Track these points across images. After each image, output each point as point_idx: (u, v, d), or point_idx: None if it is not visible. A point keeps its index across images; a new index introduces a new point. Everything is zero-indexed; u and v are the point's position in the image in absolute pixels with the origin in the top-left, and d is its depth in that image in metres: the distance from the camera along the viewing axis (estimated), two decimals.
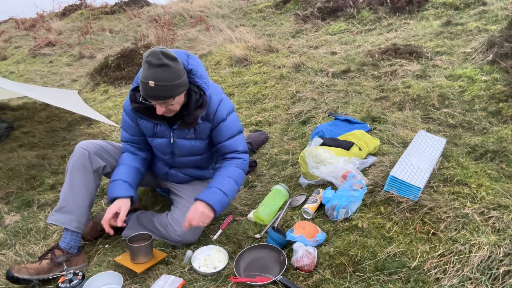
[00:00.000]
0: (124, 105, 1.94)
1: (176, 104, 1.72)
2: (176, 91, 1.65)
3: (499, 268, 1.37)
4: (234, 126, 1.92)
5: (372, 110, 2.81)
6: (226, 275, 1.66)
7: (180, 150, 1.94)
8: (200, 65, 1.81)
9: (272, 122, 3.13)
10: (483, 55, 3.18)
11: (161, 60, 1.57)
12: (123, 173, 1.89)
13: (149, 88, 1.60)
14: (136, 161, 1.96)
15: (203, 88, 1.76)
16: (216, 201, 1.79)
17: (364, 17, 5.02)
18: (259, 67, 4.17)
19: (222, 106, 1.87)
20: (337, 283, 1.49)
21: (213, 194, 1.80)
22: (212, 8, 7.20)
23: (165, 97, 1.64)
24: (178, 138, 1.90)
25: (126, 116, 1.94)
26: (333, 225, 1.81)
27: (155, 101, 1.67)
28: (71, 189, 1.84)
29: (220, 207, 1.80)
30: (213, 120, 1.87)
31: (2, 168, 3.06)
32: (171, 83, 1.61)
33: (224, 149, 1.93)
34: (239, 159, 1.92)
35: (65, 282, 1.61)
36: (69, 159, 1.89)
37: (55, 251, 1.80)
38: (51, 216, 1.83)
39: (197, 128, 1.87)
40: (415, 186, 1.78)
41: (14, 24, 10.26)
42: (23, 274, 1.68)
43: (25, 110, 4.52)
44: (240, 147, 1.94)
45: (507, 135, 2.20)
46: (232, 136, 1.92)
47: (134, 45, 6.00)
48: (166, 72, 1.59)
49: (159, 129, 1.88)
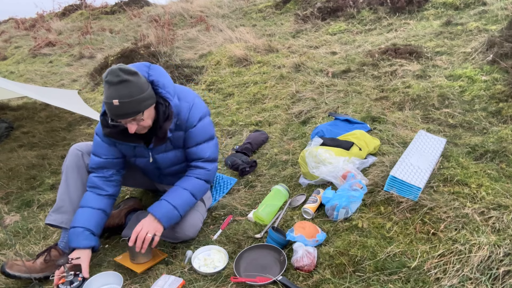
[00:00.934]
0: (96, 130, 1.87)
1: (147, 119, 1.66)
2: (142, 105, 1.60)
3: (499, 268, 1.37)
4: (203, 132, 1.84)
5: (372, 110, 2.81)
6: (226, 275, 1.66)
7: (163, 163, 1.92)
8: (163, 75, 1.74)
9: (272, 122, 3.13)
10: (483, 55, 3.18)
11: (120, 76, 1.52)
12: (85, 219, 1.77)
13: (114, 108, 1.55)
14: (100, 203, 1.83)
15: (167, 99, 1.70)
16: (162, 214, 1.74)
17: (364, 17, 5.02)
18: (259, 67, 4.17)
19: (193, 112, 1.80)
20: (337, 283, 1.49)
21: (161, 207, 1.76)
22: (212, 8, 7.19)
23: (132, 114, 1.58)
24: (157, 154, 1.86)
25: (99, 140, 1.85)
26: (333, 225, 1.81)
27: (124, 120, 1.61)
28: (67, 189, 1.85)
29: (167, 220, 1.75)
30: (185, 128, 1.82)
31: (2, 168, 3.06)
32: (135, 97, 1.56)
33: (189, 155, 1.87)
34: (202, 169, 1.85)
35: (65, 284, 1.61)
36: (64, 161, 1.91)
37: (51, 250, 1.80)
38: (48, 217, 1.85)
39: (172, 139, 1.81)
40: (415, 186, 1.78)
41: (14, 24, 10.25)
42: (14, 271, 1.70)
43: (25, 110, 4.52)
44: (206, 154, 1.86)
45: (507, 135, 2.20)
46: (199, 142, 1.85)
47: (134, 45, 6.00)
48: (128, 88, 1.54)
49: (137, 150, 1.84)
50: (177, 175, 2.04)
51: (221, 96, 3.87)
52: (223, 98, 3.81)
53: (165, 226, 1.75)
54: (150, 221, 1.73)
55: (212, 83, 4.16)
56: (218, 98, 3.83)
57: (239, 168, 2.47)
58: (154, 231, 1.71)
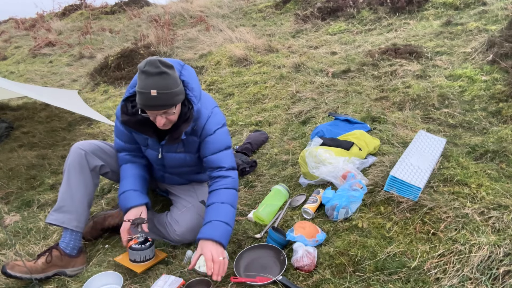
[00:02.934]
0: (116, 113, 1.89)
1: (176, 114, 1.67)
2: (177, 99, 1.62)
3: (499, 268, 1.37)
4: (221, 140, 1.83)
5: (372, 110, 2.81)
6: (226, 275, 1.66)
7: (170, 163, 1.92)
8: (193, 77, 1.76)
9: (272, 122, 3.13)
10: (483, 55, 3.18)
11: (159, 68, 1.53)
12: (130, 184, 1.86)
13: (151, 98, 1.54)
14: (138, 169, 1.93)
15: (192, 102, 1.70)
16: (221, 235, 1.64)
17: (364, 17, 5.02)
18: (259, 67, 4.17)
19: (211, 121, 1.81)
20: (337, 283, 1.49)
21: (215, 229, 1.66)
22: (212, 8, 7.19)
23: (168, 106, 1.59)
24: (167, 153, 1.87)
25: (119, 124, 1.88)
26: (333, 225, 1.81)
27: (157, 111, 1.60)
28: (68, 188, 1.83)
29: (226, 239, 1.66)
30: (200, 135, 1.81)
31: (2, 168, 3.06)
32: (172, 90, 1.57)
33: (209, 164, 1.83)
34: (227, 178, 1.79)
35: (138, 244, 1.74)
36: (66, 160, 1.89)
37: (52, 251, 1.80)
38: (49, 216, 1.83)
39: (185, 142, 1.82)
40: (415, 186, 1.78)
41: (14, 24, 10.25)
42: (16, 272, 1.69)
43: (25, 110, 4.52)
44: (226, 163, 1.82)
45: (507, 135, 2.20)
46: (218, 151, 1.82)
47: (134, 45, 6.00)
48: (166, 80, 1.56)
49: (150, 142, 1.85)
50: (181, 176, 2.05)
51: (221, 96, 3.87)
52: (223, 98, 3.81)
53: (225, 245, 1.66)
54: (213, 247, 1.61)
55: (212, 83, 4.16)
56: (218, 98, 3.83)
57: (239, 168, 2.47)
58: (222, 254, 1.61)
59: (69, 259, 1.81)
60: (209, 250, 1.59)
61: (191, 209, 1.96)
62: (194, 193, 2.06)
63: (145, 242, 1.76)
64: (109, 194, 2.55)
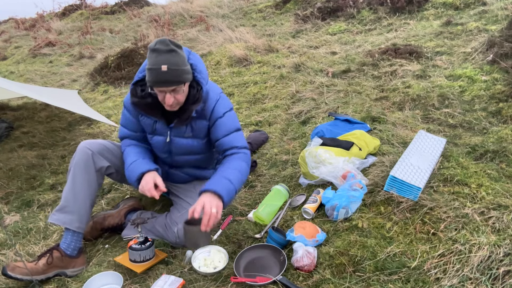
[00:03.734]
0: (124, 102, 1.94)
1: (183, 94, 1.72)
2: (186, 77, 1.68)
3: (499, 268, 1.37)
4: (231, 123, 1.88)
5: (372, 110, 2.81)
6: (226, 275, 1.66)
7: (178, 148, 1.93)
8: (200, 62, 1.82)
9: (272, 122, 3.13)
10: (483, 55, 3.18)
11: (169, 46, 1.60)
12: (137, 155, 1.87)
13: (161, 73, 1.59)
14: (143, 148, 1.97)
15: (200, 83, 1.76)
16: (222, 188, 1.64)
17: (364, 17, 5.02)
18: (259, 67, 4.17)
19: (220, 104, 1.85)
20: (337, 283, 1.49)
21: (216, 182, 1.67)
22: (212, 8, 7.19)
23: (177, 82, 1.64)
24: (175, 137, 1.88)
25: (127, 112, 1.93)
26: (333, 225, 1.81)
27: (166, 88, 1.64)
28: (73, 188, 1.82)
29: (227, 194, 1.65)
30: (210, 118, 1.85)
31: (2, 168, 3.06)
32: (181, 67, 1.64)
33: (222, 146, 1.86)
34: (240, 153, 1.83)
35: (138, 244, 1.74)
36: (72, 158, 1.87)
37: (53, 252, 1.79)
38: (52, 216, 1.82)
39: (194, 126, 1.85)
40: (415, 186, 1.78)
41: (14, 24, 10.25)
42: (17, 273, 1.69)
43: (25, 110, 4.52)
44: (239, 143, 1.85)
45: (507, 135, 2.20)
46: (229, 132, 1.86)
47: (134, 45, 6.00)
48: (175, 58, 1.62)
49: (158, 126, 1.87)
50: (185, 169, 2.05)
51: None
52: None
53: (225, 201, 1.64)
54: (211, 197, 1.61)
55: None
56: None
57: None
58: (216, 207, 1.59)
59: (70, 260, 1.81)
60: (204, 200, 1.60)
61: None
62: (195, 194, 2.05)
63: (145, 242, 1.76)
64: (109, 194, 2.55)
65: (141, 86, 1.80)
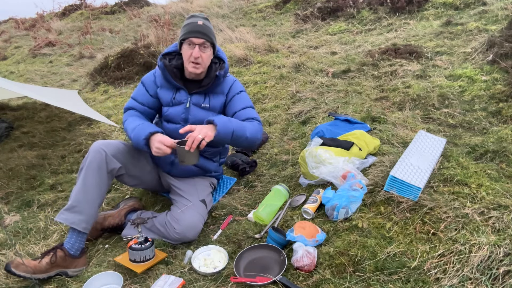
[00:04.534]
0: (143, 79, 2.09)
1: (209, 58, 1.94)
2: (214, 40, 1.94)
3: (499, 268, 1.37)
4: (247, 100, 2.08)
5: (372, 110, 2.81)
6: (226, 275, 1.66)
7: (193, 116, 2.00)
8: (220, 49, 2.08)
9: (272, 122, 3.13)
10: (483, 55, 3.18)
11: (203, 16, 1.92)
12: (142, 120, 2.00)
13: (198, 26, 1.86)
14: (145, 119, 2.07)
15: (222, 58, 2.02)
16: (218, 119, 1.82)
17: (364, 17, 5.02)
18: (259, 67, 4.17)
19: (236, 84, 2.10)
20: (337, 283, 1.49)
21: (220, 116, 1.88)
22: (212, 8, 7.19)
23: (209, 38, 1.89)
24: (194, 105, 2.01)
25: (142, 87, 2.07)
26: (333, 225, 1.81)
27: (199, 39, 1.86)
28: (84, 189, 1.81)
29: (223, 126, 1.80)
30: (227, 94, 2.05)
31: (2, 168, 3.06)
32: (213, 31, 1.94)
33: (239, 118, 2.00)
34: (254, 121, 2.00)
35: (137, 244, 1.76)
36: (85, 158, 1.86)
37: (57, 251, 1.79)
38: (60, 215, 1.80)
39: (211, 98, 2.02)
40: (415, 186, 1.78)
41: (14, 24, 10.26)
42: (20, 271, 1.69)
43: (25, 110, 4.52)
44: (253, 115, 2.02)
45: (507, 135, 2.20)
46: (246, 107, 2.04)
47: (134, 45, 6.00)
48: (208, 24, 1.93)
49: (177, 96, 2.01)
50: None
51: None
52: None
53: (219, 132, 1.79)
54: (206, 126, 1.81)
55: None
56: None
57: (239, 168, 2.47)
58: (205, 135, 1.77)
59: (72, 260, 1.81)
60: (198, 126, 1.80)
61: (191, 207, 1.96)
62: (196, 191, 2.06)
63: (145, 242, 1.76)
64: (109, 194, 2.55)
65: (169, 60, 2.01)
